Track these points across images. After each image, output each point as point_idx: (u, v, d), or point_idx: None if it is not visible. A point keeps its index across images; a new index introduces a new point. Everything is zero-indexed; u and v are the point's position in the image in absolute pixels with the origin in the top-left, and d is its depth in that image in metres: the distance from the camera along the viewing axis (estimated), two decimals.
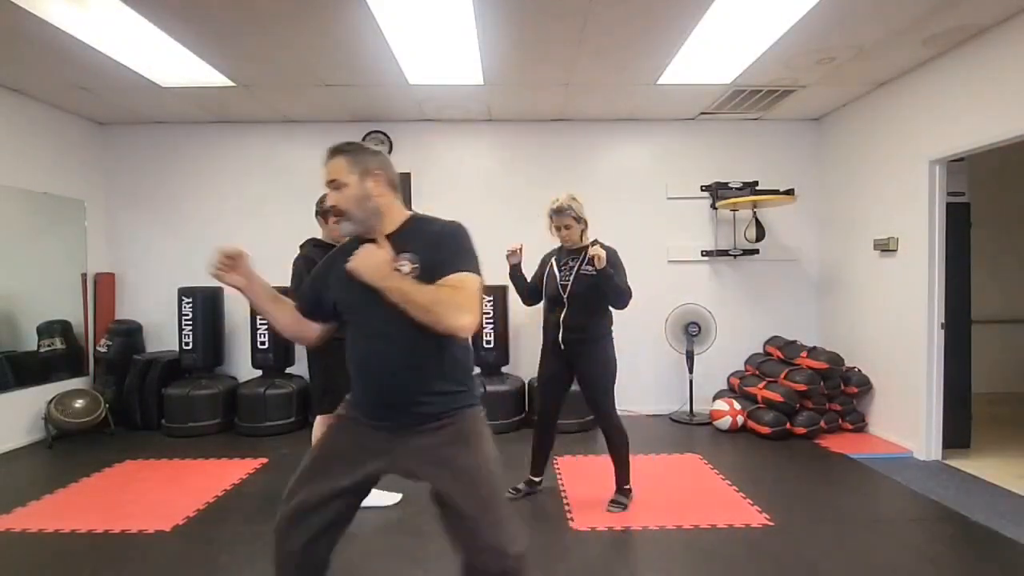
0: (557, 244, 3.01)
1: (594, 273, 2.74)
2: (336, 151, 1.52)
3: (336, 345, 2.91)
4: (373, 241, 1.51)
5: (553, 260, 2.98)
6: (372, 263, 1.41)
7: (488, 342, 4.55)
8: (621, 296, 2.78)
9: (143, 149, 5.01)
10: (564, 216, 2.85)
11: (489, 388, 4.43)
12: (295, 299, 1.66)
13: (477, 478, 1.45)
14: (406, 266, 1.45)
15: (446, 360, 1.49)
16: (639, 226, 5.01)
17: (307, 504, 1.48)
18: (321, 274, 1.62)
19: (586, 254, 2.79)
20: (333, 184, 1.50)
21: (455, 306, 1.37)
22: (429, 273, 1.43)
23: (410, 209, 1.61)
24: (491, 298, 4.52)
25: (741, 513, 2.90)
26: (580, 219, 2.87)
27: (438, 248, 1.46)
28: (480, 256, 1.49)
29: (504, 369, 4.72)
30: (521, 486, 3.15)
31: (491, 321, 4.53)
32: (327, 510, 1.49)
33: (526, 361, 4.88)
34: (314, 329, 1.64)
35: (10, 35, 3.25)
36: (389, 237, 1.51)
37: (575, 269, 2.85)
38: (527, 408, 4.62)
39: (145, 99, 4.34)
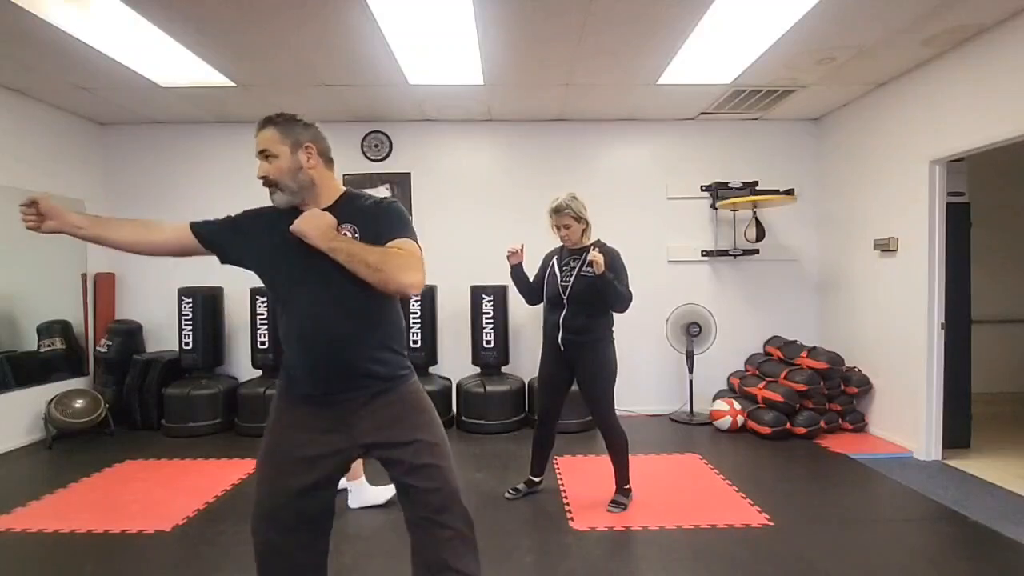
0: (559, 244, 3.00)
1: (593, 276, 2.72)
2: (267, 121, 1.53)
3: None
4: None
5: (555, 260, 2.96)
6: (320, 224, 1.41)
7: (488, 342, 4.55)
8: (621, 301, 2.76)
9: (143, 149, 5.02)
10: (563, 215, 2.82)
11: (489, 388, 4.43)
12: (201, 225, 1.65)
13: (440, 453, 1.50)
14: (348, 235, 1.46)
15: (387, 325, 1.52)
16: (639, 226, 5.01)
17: (275, 507, 1.47)
18: (248, 226, 1.60)
19: (587, 255, 2.77)
20: (263, 155, 1.50)
21: (404, 265, 1.39)
22: (370, 243, 1.44)
23: (344, 187, 1.61)
24: (491, 298, 4.52)
25: (741, 513, 2.90)
26: (580, 218, 2.84)
27: (377, 220, 1.48)
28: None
29: (504, 369, 4.72)
30: (521, 486, 3.14)
31: (491, 321, 4.53)
32: (299, 508, 1.48)
33: (526, 361, 4.88)
34: (165, 241, 1.61)
35: (10, 35, 3.25)
36: (326, 210, 1.50)
37: (575, 270, 2.83)
38: (527, 408, 4.62)
39: (145, 99, 4.35)
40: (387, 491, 3.02)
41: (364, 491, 3.00)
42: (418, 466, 1.46)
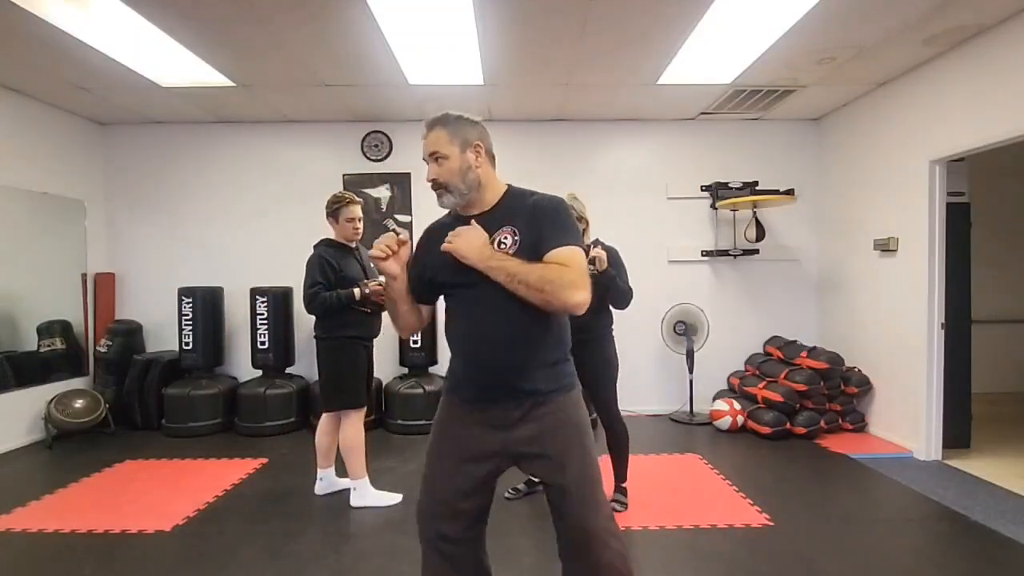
0: None
1: (596, 273, 2.73)
2: (436, 122, 1.49)
3: (343, 344, 2.94)
4: (468, 220, 1.48)
5: None
6: (474, 245, 1.38)
7: None
8: (624, 297, 2.79)
9: (143, 149, 5.02)
10: None
11: None
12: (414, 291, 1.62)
13: (584, 468, 1.46)
14: (508, 239, 1.41)
15: (550, 338, 1.47)
16: (639, 226, 5.01)
17: (437, 511, 1.50)
18: (419, 257, 1.58)
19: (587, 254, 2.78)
20: (434, 156, 1.47)
21: (568, 283, 1.32)
22: (531, 247, 1.39)
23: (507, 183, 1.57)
24: None
25: (741, 513, 2.90)
26: (581, 218, 2.86)
27: (538, 222, 1.42)
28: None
29: None
30: (521, 486, 3.15)
31: None
32: (460, 510, 1.50)
33: None
34: (425, 316, 1.64)
35: (10, 35, 3.25)
36: (489, 211, 1.48)
37: None
38: None
39: (145, 99, 4.35)
40: (391, 497, 3.02)
41: (366, 491, 3.00)
42: (563, 484, 1.44)
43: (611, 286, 2.74)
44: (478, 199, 1.50)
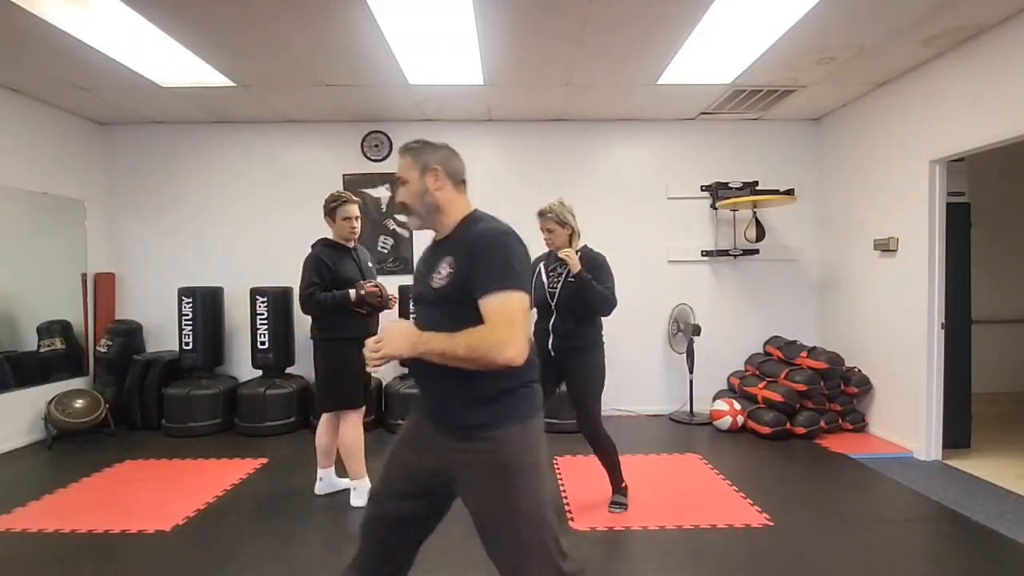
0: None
1: (571, 279, 2.67)
2: (404, 149, 1.55)
3: (339, 345, 2.94)
4: (439, 244, 1.53)
5: (541, 266, 2.91)
6: (399, 343, 1.37)
7: None
8: (603, 303, 2.73)
9: (143, 149, 5.01)
10: (546, 219, 2.80)
11: None
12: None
13: (516, 518, 1.36)
14: (443, 271, 1.42)
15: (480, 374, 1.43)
16: (639, 226, 5.01)
17: (383, 494, 1.53)
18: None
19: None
20: (399, 181, 1.54)
21: (494, 344, 1.30)
22: (462, 285, 1.38)
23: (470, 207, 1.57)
24: None
25: (741, 513, 2.90)
26: (564, 223, 2.78)
27: (473, 259, 1.38)
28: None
29: None
30: None
31: None
32: (404, 503, 1.51)
33: None
34: None
35: (10, 35, 3.25)
36: (446, 237, 1.51)
37: (563, 275, 2.79)
38: None
39: (145, 99, 4.35)
40: None
41: (366, 491, 2.99)
42: (488, 533, 1.39)
43: (585, 290, 2.68)
44: (440, 223, 1.52)
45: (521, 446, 1.41)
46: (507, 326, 1.31)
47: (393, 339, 1.38)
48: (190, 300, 4.57)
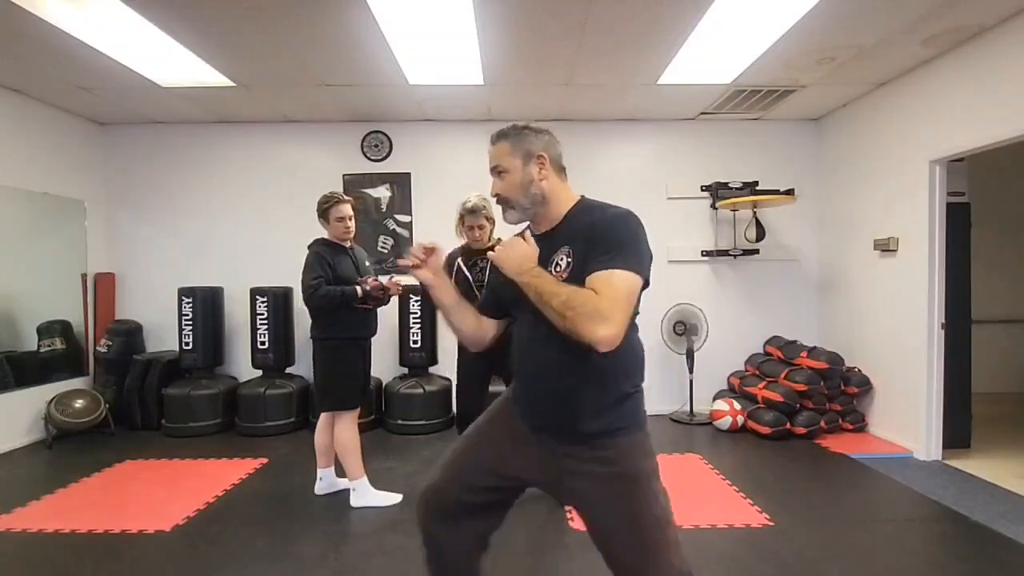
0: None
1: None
2: (499, 135, 1.43)
3: (338, 344, 2.94)
4: (540, 238, 1.40)
5: (459, 261, 2.95)
6: (511, 257, 1.29)
7: None
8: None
9: (143, 149, 5.01)
10: (478, 216, 2.85)
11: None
12: (484, 304, 1.56)
13: (641, 526, 1.29)
14: (562, 262, 1.30)
15: (612, 367, 1.29)
16: None
17: (445, 490, 1.45)
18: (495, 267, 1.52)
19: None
20: (496, 170, 1.41)
21: (590, 313, 1.14)
22: (581, 270, 1.25)
23: (577, 195, 1.46)
24: None
25: (741, 513, 2.90)
26: (491, 219, 2.88)
27: (589, 241, 1.26)
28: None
29: None
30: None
31: None
32: (470, 499, 1.44)
33: None
34: (490, 328, 1.52)
35: (10, 35, 3.25)
36: (554, 228, 1.38)
37: (486, 269, 2.80)
38: None
39: (145, 99, 4.34)
40: (391, 497, 3.02)
41: (366, 491, 3.00)
42: (614, 543, 1.32)
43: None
44: (544, 214, 1.39)
45: (642, 453, 1.34)
46: (614, 303, 1.17)
47: (510, 253, 1.31)
48: (190, 300, 4.57)
